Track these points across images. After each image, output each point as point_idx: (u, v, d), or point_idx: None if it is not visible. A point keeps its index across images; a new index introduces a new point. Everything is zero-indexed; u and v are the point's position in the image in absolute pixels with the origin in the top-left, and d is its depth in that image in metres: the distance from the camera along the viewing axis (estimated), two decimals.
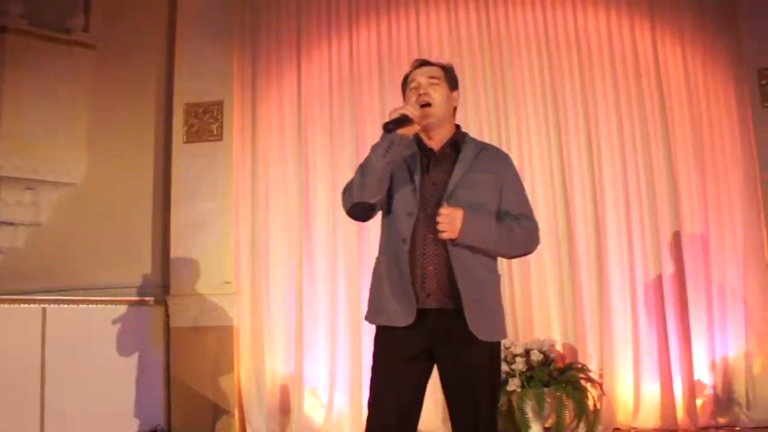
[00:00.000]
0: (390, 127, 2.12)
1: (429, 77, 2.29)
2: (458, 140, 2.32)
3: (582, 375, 4.33)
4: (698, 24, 4.89)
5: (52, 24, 4.84)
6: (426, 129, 2.29)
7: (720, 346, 4.58)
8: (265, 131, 5.11)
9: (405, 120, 2.13)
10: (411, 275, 2.18)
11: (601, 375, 4.47)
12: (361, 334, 4.61)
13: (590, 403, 4.24)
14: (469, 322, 2.13)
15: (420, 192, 2.23)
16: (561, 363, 4.44)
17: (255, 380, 4.76)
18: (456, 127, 2.37)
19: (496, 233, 2.19)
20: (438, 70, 2.32)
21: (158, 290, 4.92)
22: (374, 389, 2.21)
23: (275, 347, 4.85)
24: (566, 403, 4.18)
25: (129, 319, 4.64)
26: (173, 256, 4.88)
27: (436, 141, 2.31)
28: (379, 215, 2.35)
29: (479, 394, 2.15)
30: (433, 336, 2.19)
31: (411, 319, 2.16)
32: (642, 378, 4.56)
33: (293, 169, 5.04)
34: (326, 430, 4.66)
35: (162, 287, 4.93)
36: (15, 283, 4.43)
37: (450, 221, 2.10)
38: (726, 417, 4.49)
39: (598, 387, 4.35)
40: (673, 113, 4.83)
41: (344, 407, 4.69)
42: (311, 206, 4.97)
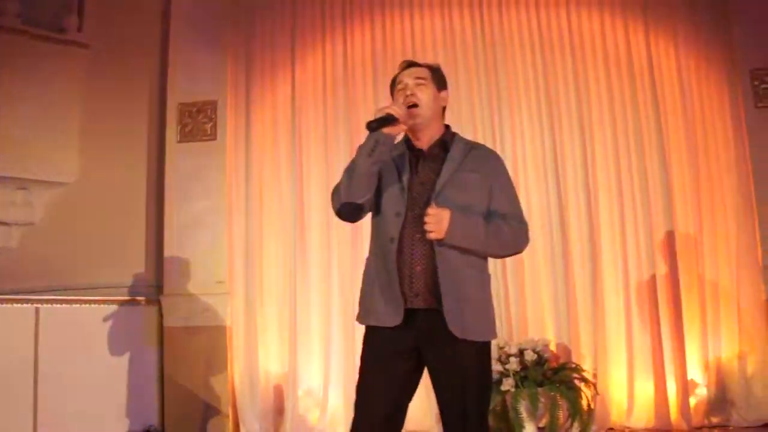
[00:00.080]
0: (373, 126, 2.11)
1: (416, 78, 2.29)
2: (447, 140, 2.32)
3: (576, 375, 4.34)
4: (691, 25, 4.90)
5: (47, 23, 4.82)
6: (413, 129, 2.29)
7: (713, 346, 4.59)
8: (260, 131, 5.11)
9: (389, 119, 2.13)
10: (399, 275, 2.17)
11: (595, 375, 4.48)
12: (355, 334, 4.59)
13: (584, 403, 4.24)
14: (449, 322, 2.12)
15: (408, 192, 2.23)
16: (555, 363, 4.46)
17: (249, 380, 4.76)
18: (445, 127, 2.37)
19: (484, 233, 2.19)
20: (425, 71, 2.33)
21: (151, 290, 4.91)
22: (360, 389, 2.21)
23: (269, 347, 4.85)
24: (560, 403, 4.18)
25: (122, 319, 4.63)
26: (167, 256, 4.88)
27: (425, 141, 2.31)
28: (369, 216, 2.35)
29: (468, 395, 2.15)
30: (422, 336, 2.19)
31: (399, 320, 2.16)
32: (636, 378, 4.57)
33: (287, 169, 5.03)
34: (320, 430, 4.66)
35: (155, 287, 4.92)
36: (8, 283, 4.40)
37: (437, 221, 2.10)
38: (719, 416, 4.50)
39: (592, 387, 4.35)
40: (667, 114, 4.84)
41: (338, 407, 4.69)
42: (305, 206, 4.97)
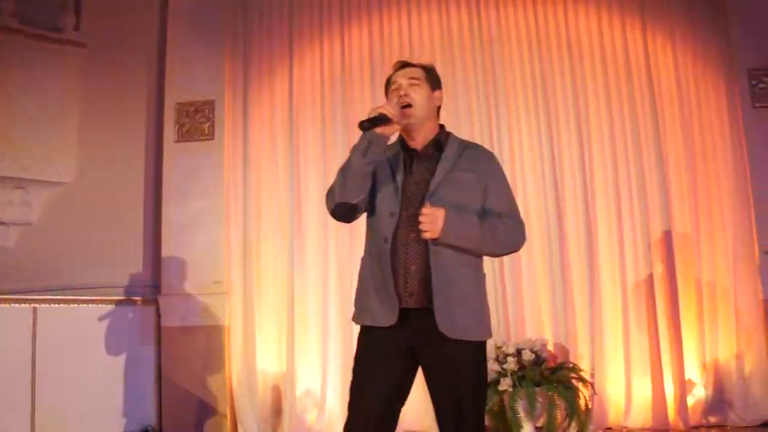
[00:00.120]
0: (365, 126, 2.11)
1: (409, 78, 2.29)
2: (441, 140, 2.32)
3: (573, 374, 4.33)
4: (689, 24, 4.91)
5: (43, 22, 4.81)
6: (408, 129, 2.29)
7: (711, 346, 4.60)
8: (257, 130, 5.10)
9: (382, 119, 2.12)
10: (393, 275, 2.17)
11: (593, 374, 4.47)
12: (353, 334, 4.55)
13: (582, 403, 4.24)
14: (439, 322, 2.12)
15: (403, 191, 2.23)
16: (552, 362, 4.46)
17: (246, 380, 4.75)
18: (440, 127, 2.36)
19: (479, 232, 2.18)
20: (418, 71, 2.32)
21: (149, 290, 4.90)
22: (354, 389, 2.21)
23: (267, 347, 4.84)
24: (558, 403, 4.17)
25: (120, 319, 4.63)
26: (164, 256, 4.87)
27: (419, 141, 2.31)
28: (365, 216, 2.35)
29: (462, 394, 2.15)
30: (416, 336, 2.18)
31: (394, 319, 2.16)
32: (633, 377, 4.58)
33: (285, 169, 5.03)
34: (318, 430, 4.66)
35: (153, 287, 4.92)
36: (5, 283, 4.40)
37: (431, 221, 2.10)
38: (717, 416, 4.50)
39: (590, 386, 4.35)
40: (664, 113, 4.85)
41: (336, 407, 4.68)
42: (303, 206, 4.96)
